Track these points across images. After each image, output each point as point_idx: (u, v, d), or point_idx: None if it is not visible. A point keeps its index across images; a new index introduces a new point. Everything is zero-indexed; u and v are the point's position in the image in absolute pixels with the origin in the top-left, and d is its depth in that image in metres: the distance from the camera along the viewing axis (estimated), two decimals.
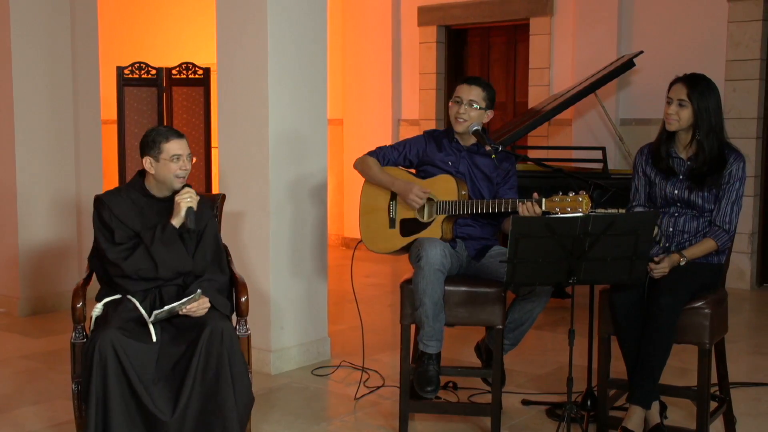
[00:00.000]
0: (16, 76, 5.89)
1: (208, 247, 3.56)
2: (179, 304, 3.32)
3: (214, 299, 3.43)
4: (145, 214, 3.51)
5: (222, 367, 3.26)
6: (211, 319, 3.33)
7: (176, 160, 3.45)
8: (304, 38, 4.78)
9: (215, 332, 3.27)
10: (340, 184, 8.93)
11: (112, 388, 3.19)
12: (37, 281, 6.10)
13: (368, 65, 8.92)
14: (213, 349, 3.26)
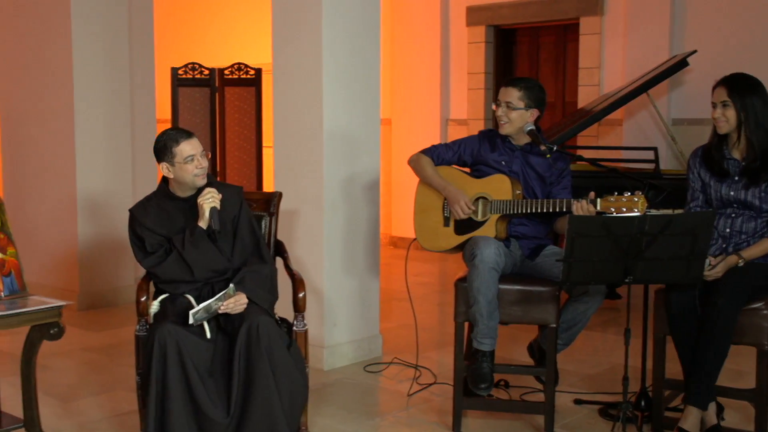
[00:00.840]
0: (77, 78, 6.04)
1: (245, 238, 3.60)
2: (213, 301, 3.34)
3: (253, 293, 3.44)
4: (173, 217, 3.58)
5: (259, 363, 3.28)
6: (249, 314, 3.36)
7: (191, 161, 3.49)
8: (357, 37, 4.85)
9: (252, 328, 3.31)
10: (388, 184, 8.99)
11: (171, 379, 3.26)
12: (94, 277, 6.24)
13: (416, 65, 8.96)
14: (251, 346, 3.30)
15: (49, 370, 4.63)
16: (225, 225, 3.55)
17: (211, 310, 3.36)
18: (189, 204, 3.59)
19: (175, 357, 3.27)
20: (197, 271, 3.51)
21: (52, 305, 3.33)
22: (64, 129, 6.13)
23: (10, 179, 6.61)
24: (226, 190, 3.63)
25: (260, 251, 3.62)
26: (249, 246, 3.60)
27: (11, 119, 6.55)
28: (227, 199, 3.59)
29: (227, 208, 3.58)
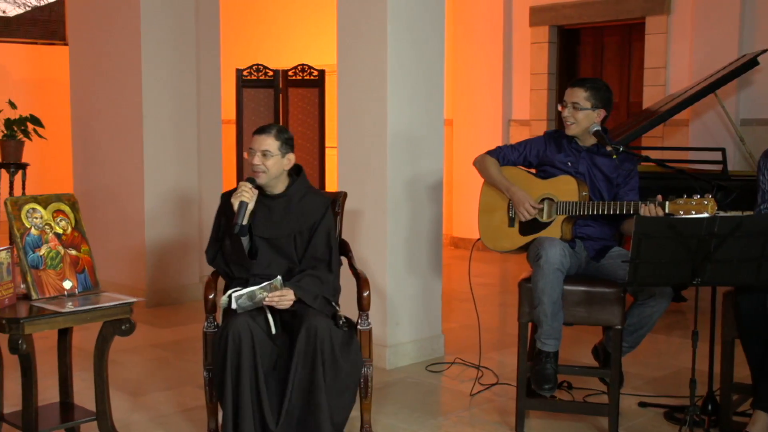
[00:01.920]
0: (146, 79, 6.16)
1: (318, 246, 3.61)
2: (258, 289, 3.36)
3: (304, 293, 3.44)
4: (253, 210, 3.62)
5: (315, 366, 3.31)
6: (308, 317, 3.38)
7: (252, 154, 3.58)
8: (422, 38, 4.86)
9: (310, 330, 3.34)
10: (450, 185, 8.97)
11: (244, 374, 3.31)
12: (161, 274, 6.36)
13: (479, 65, 8.94)
14: (309, 349, 3.32)
15: (118, 366, 4.74)
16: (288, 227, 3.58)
17: (255, 298, 3.37)
18: (270, 199, 3.64)
19: (249, 351, 3.32)
20: (233, 267, 3.57)
21: (124, 301, 3.40)
22: (132, 129, 6.26)
23: (80, 179, 6.78)
24: (311, 197, 3.67)
25: (330, 263, 3.61)
26: (320, 255, 3.61)
27: (82, 120, 6.72)
28: (309, 206, 3.63)
29: (307, 214, 3.61)
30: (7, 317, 3.15)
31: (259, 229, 3.61)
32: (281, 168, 3.60)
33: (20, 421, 3.34)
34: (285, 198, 3.65)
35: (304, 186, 3.72)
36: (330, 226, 3.68)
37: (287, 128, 3.74)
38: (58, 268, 3.43)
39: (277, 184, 3.65)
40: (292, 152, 3.64)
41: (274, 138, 3.57)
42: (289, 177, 3.70)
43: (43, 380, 3.48)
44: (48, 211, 3.46)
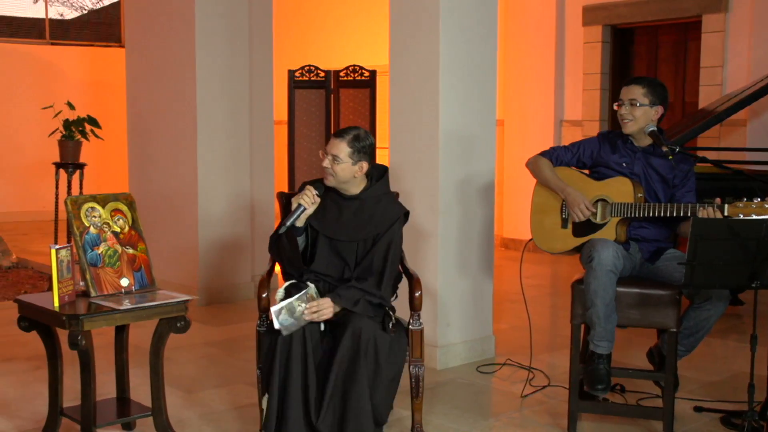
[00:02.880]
0: (200, 81, 6.24)
1: (375, 259, 3.56)
2: (295, 300, 3.33)
3: (344, 302, 3.40)
4: (326, 207, 3.63)
5: (356, 368, 3.29)
6: (354, 318, 3.37)
7: (325, 155, 3.57)
8: (475, 38, 4.85)
9: (354, 332, 3.33)
10: (500, 185, 8.94)
11: (293, 370, 3.32)
12: (213, 274, 6.44)
13: (530, 65, 8.89)
14: (352, 350, 3.32)
15: (171, 362, 4.80)
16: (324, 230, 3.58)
17: (295, 312, 3.33)
18: (345, 202, 3.63)
19: (299, 350, 3.33)
20: (285, 262, 3.60)
21: (179, 299, 3.45)
22: (187, 130, 6.34)
23: (135, 179, 6.89)
24: (384, 205, 3.62)
25: (382, 279, 3.51)
26: (374, 267, 3.53)
27: (138, 121, 6.82)
28: (379, 214, 3.58)
29: (374, 222, 3.57)
30: (67, 314, 3.22)
31: (326, 228, 3.61)
32: (351, 174, 3.55)
33: (79, 415, 3.41)
34: (357, 201, 3.62)
35: (381, 191, 3.65)
36: (392, 240, 3.59)
37: (367, 134, 3.62)
38: (116, 266, 3.49)
39: (350, 187, 3.62)
40: (367, 160, 3.56)
41: (347, 145, 3.52)
42: (367, 179, 3.65)
43: (100, 376, 3.54)
44: (106, 210, 3.53)
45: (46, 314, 3.34)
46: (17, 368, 4.79)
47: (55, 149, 6.76)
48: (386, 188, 3.70)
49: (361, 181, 3.63)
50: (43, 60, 11.38)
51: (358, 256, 3.59)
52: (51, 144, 7.07)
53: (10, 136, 10.79)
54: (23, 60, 11.19)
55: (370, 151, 3.59)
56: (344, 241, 3.60)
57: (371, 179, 3.67)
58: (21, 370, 4.75)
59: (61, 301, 3.30)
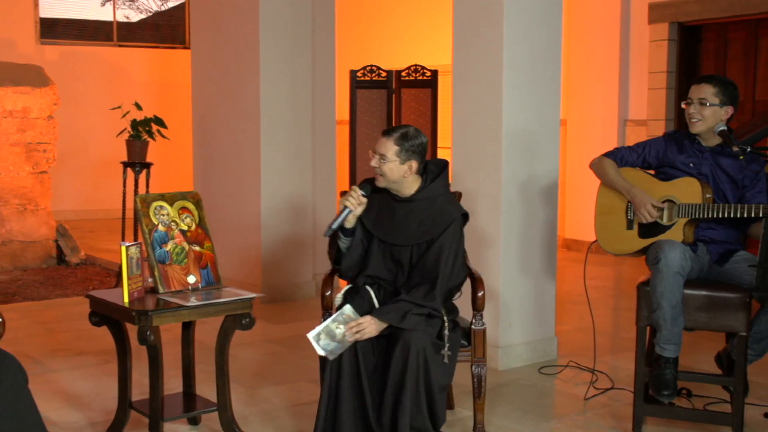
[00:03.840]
0: (263, 81, 6.30)
1: (429, 259, 3.46)
2: (331, 323, 3.30)
3: (389, 318, 3.32)
4: (377, 206, 3.60)
5: (405, 384, 3.26)
6: (404, 331, 3.31)
7: (373, 155, 3.51)
8: (539, 37, 4.82)
9: (404, 347, 3.28)
10: (562, 186, 8.80)
11: (344, 377, 3.33)
12: (275, 272, 6.50)
13: (594, 64, 8.78)
14: (402, 364, 3.28)
15: (234, 359, 4.85)
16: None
17: (335, 336, 3.30)
18: (398, 204, 3.57)
19: (350, 352, 3.35)
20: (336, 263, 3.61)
21: (245, 297, 3.50)
22: (250, 130, 6.41)
23: (200, 178, 6.99)
24: (440, 207, 3.52)
25: (434, 286, 3.39)
26: (428, 272, 3.43)
27: (202, 121, 6.93)
28: (433, 217, 3.48)
29: (428, 226, 3.47)
30: (137, 309, 3.29)
31: (379, 231, 3.55)
32: (400, 174, 3.46)
33: (147, 408, 3.48)
34: (410, 203, 3.53)
35: (437, 192, 3.54)
36: (444, 244, 3.44)
37: (418, 132, 3.50)
38: (183, 264, 3.56)
39: (402, 189, 3.52)
40: (417, 160, 3.46)
41: (394, 143, 3.43)
42: (422, 179, 3.55)
43: (166, 371, 3.60)
44: (174, 209, 3.59)
45: (117, 310, 3.42)
46: (87, 362, 4.91)
47: (122, 149, 6.90)
48: (443, 188, 3.57)
49: (414, 181, 3.52)
50: (111, 62, 11.63)
51: (411, 260, 3.52)
52: (119, 144, 7.23)
53: (79, 137, 11.05)
54: (92, 62, 11.45)
55: (420, 150, 3.47)
56: (398, 245, 3.53)
57: (426, 179, 3.55)
58: (91, 364, 4.86)
59: (130, 297, 3.38)
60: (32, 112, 7.86)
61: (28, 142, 7.87)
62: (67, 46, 11.50)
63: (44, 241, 8.03)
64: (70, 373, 4.72)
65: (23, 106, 7.80)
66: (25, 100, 7.80)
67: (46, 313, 6.19)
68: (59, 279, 7.42)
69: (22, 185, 7.87)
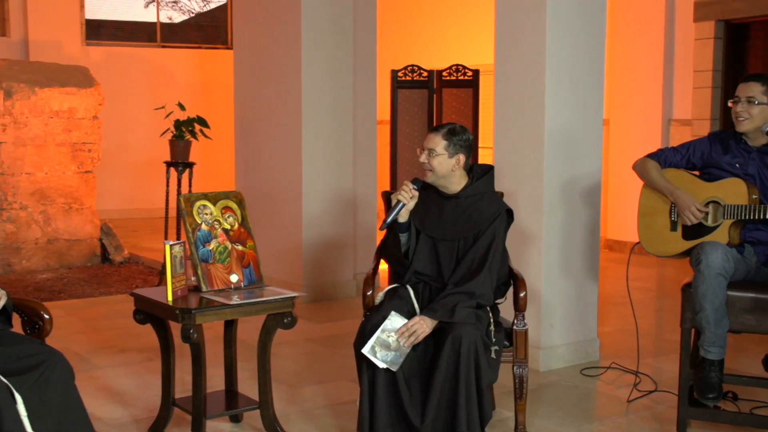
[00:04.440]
0: (305, 81, 6.33)
1: (476, 253, 3.50)
2: (381, 334, 3.31)
3: (439, 315, 3.36)
4: (426, 203, 3.63)
5: (459, 379, 3.28)
6: (455, 326, 3.34)
7: (422, 152, 3.57)
8: (582, 35, 4.78)
9: (455, 341, 3.30)
10: (605, 186, 8.75)
11: (380, 374, 3.35)
12: (316, 271, 6.52)
13: (638, 62, 8.68)
14: (452, 359, 3.29)
15: (275, 357, 4.87)
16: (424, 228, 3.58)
17: (390, 345, 3.32)
18: (445, 200, 3.62)
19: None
20: (390, 260, 3.64)
21: (287, 296, 3.52)
22: (292, 130, 6.44)
23: (242, 178, 7.04)
24: (486, 203, 3.57)
25: (481, 279, 3.44)
26: (475, 266, 3.48)
27: (244, 121, 6.98)
28: (479, 212, 3.54)
29: (475, 221, 3.53)
30: (180, 308, 3.33)
31: (426, 226, 3.60)
32: (448, 168, 3.52)
33: (190, 406, 3.52)
34: (456, 200, 3.59)
35: (482, 189, 3.60)
36: (493, 238, 3.51)
37: (464, 128, 3.59)
38: (226, 262, 3.59)
39: (449, 184, 3.59)
40: (465, 153, 3.53)
41: (442, 137, 3.51)
42: (468, 177, 3.62)
43: (208, 369, 3.62)
44: (217, 208, 3.63)
45: (161, 308, 3.46)
46: (131, 359, 4.97)
47: (165, 148, 6.98)
48: (489, 187, 3.65)
49: (462, 178, 3.60)
50: (154, 62, 11.76)
51: (458, 254, 3.56)
52: (162, 143, 7.31)
53: (123, 136, 11.19)
54: (136, 63, 11.59)
55: (467, 145, 3.55)
56: (444, 240, 3.58)
57: (473, 177, 3.63)
58: (135, 362, 4.92)
59: (174, 295, 3.41)
60: (78, 112, 7.98)
61: (74, 142, 8.00)
62: (111, 47, 11.66)
63: (89, 239, 8.16)
64: (114, 369, 4.78)
65: (69, 106, 7.92)
66: (71, 101, 7.93)
67: (91, 310, 6.28)
68: (103, 277, 7.52)
69: (68, 184, 8.00)
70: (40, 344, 3.00)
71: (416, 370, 3.39)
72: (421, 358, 3.41)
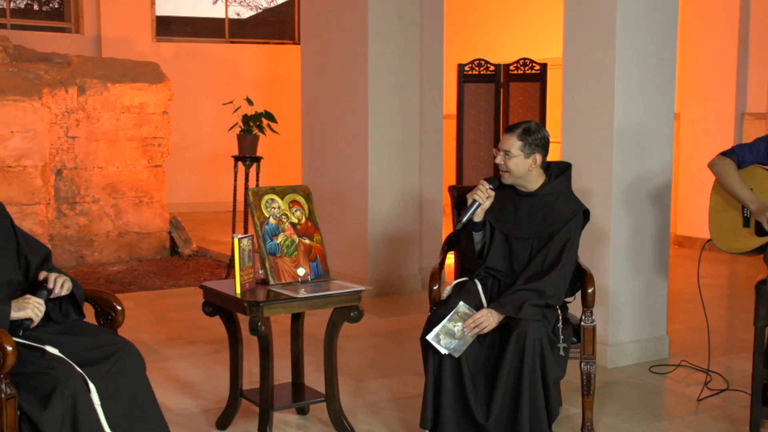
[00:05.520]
0: (372, 76, 6.35)
1: (549, 254, 3.49)
2: (447, 323, 3.32)
3: (507, 310, 3.36)
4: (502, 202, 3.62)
5: (523, 374, 3.26)
6: (520, 322, 3.33)
7: (498, 153, 3.54)
8: (653, 28, 4.69)
9: (519, 337, 3.29)
10: (675, 181, 8.56)
11: (446, 370, 3.35)
12: (382, 266, 6.54)
13: (710, 55, 8.48)
14: (517, 356, 3.28)
15: (341, 351, 4.90)
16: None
17: (455, 333, 3.33)
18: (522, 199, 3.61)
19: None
20: (463, 258, 3.62)
21: (353, 289, 3.54)
22: (358, 125, 6.47)
23: (308, 172, 7.10)
24: (562, 203, 3.55)
25: (552, 278, 3.43)
26: (546, 266, 3.47)
27: (311, 115, 7.03)
28: (555, 212, 3.52)
29: (550, 220, 3.51)
30: (249, 300, 3.37)
31: (502, 224, 3.60)
32: (525, 168, 3.51)
33: (257, 397, 3.56)
34: (533, 198, 3.57)
35: (559, 189, 3.58)
36: (568, 238, 3.50)
37: (540, 126, 3.56)
38: (293, 256, 3.62)
39: (527, 183, 3.57)
40: (541, 153, 3.51)
41: (517, 138, 3.48)
42: (546, 176, 3.60)
43: (275, 361, 3.66)
44: (285, 202, 3.66)
45: (229, 300, 3.51)
46: (200, 351, 5.06)
47: (233, 143, 7.07)
48: (566, 186, 3.62)
49: (539, 177, 3.58)
50: (223, 58, 11.92)
51: (531, 253, 3.54)
52: (230, 138, 7.41)
53: (192, 131, 11.37)
54: (204, 58, 11.77)
55: (543, 144, 3.53)
56: (519, 238, 3.56)
57: (550, 175, 3.60)
58: (203, 353, 5.01)
59: (242, 288, 3.46)
60: (148, 107, 8.14)
61: (144, 137, 8.16)
62: (181, 43, 11.86)
63: (158, 232, 8.32)
64: (183, 361, 4.87)
65: (140, 101, 8.08)
66: (142, 96, 8.09)
67: (160, 302, 6.41)
68: (172, 270, 7.66)
69: (138, 178, 8.17)
70: (113, 335, 3.08)
71: (482, 366, 3.39)
72: (488, 354, 3.40)
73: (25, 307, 2.93)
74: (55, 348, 2.88)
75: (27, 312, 2.93)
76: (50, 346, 2.88)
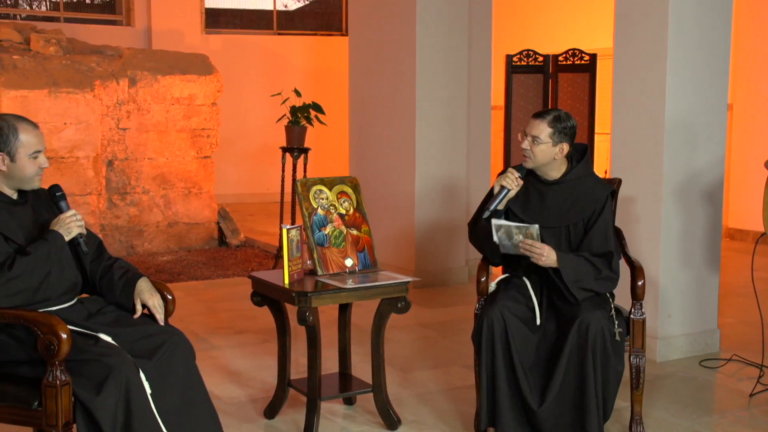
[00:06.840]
0: (420, 67, 6.33)
1: (595, 237, 3.47)
2: (515, 227, 3.36)
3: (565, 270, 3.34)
4: (529, 197, 3.59)
5: (585, 363, 3.24)
6: (582, 310, 3.31)
7: (523, 137, 3.51)
8: (707, 18, 4.61)
9: (582, 327, 3.26)
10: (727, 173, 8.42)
11: (498, 366, 3.33)
12: (429, 257, 6.53)
13: (764, 43, 8.31)
14: (580, 345, 3.26)
15: (388, 342, 4.91)
16: None
17: (512, 238, 3.35)
18: (546, 187, 3.58)
19: (502, 344, 3.33)
20: (485, 248, 3.58)
21: (401, 280, 3.55)
22: (406, 116, 6.46)
23: (355, 163, 7.11)
24: (590, 186, 3.54)
25: (611, 259, 3.44)
26: (597, 250, 3.44)
27: (359, 106, 7.04)
28: (585, 196, 3.51)
29: (581, 205, 3.50)
30: (297, 291, 3.39)
31: (529, 215, 3.55)
32: (550, 156, 3.49)
33: (305, 387, 3.59)
34: (558, 186, 3.55)
35: (583, 173, 3.56)
36: (608, 220, 3.51)
37: (568, 115, 3.54)
38: (341, 247, 3.64)
39: (549, 171, 3.55)
40: (568, 142, 3.49)
41: (548, 125, 3.46)
42: (568, 162, 3.58)
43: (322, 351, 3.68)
44: (333, 193, 3.68)
45: (277, 291, 3.54)
46: (248, 340, 5.10)
47: (281, 134, 7.11)
48: (588, 170, 3.60)
49: (562, 164, 3.55)
50: (271, 49, 11.98)
51: (571, 241, 3.51)
52: (278, 129, 7.45)
53: (240, 123, 11.46)
54: (253, 50, 11.84)
55: (571, 133, 3.51)
56: (549, 227, 3.52)
57: (572, 161, 3.58)
58: (251, 343, 5.05)
59: (291, 278, 3.48)
60: (197, 99, 8.22)
61: (193, 128, 8.25)
62: (229, 35, 11.95)
63: (207, 223, 8.41)
64: (232, 350, 4.92)
65: (189, 93, 8.17)
66: (191, 88, 8.17)
67: (209, 292, 6.48)
68: (220, 260, 7.74)
69: (188, 169, 8.26)
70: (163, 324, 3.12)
71: (536, 359, 3.37)
72: (541, 347, 3.38)
73: (69, 228, 3.00)
74: (108, 336, 2.93)
75: (74, 231, 3.00)
76: (103, 334, 2.93)
